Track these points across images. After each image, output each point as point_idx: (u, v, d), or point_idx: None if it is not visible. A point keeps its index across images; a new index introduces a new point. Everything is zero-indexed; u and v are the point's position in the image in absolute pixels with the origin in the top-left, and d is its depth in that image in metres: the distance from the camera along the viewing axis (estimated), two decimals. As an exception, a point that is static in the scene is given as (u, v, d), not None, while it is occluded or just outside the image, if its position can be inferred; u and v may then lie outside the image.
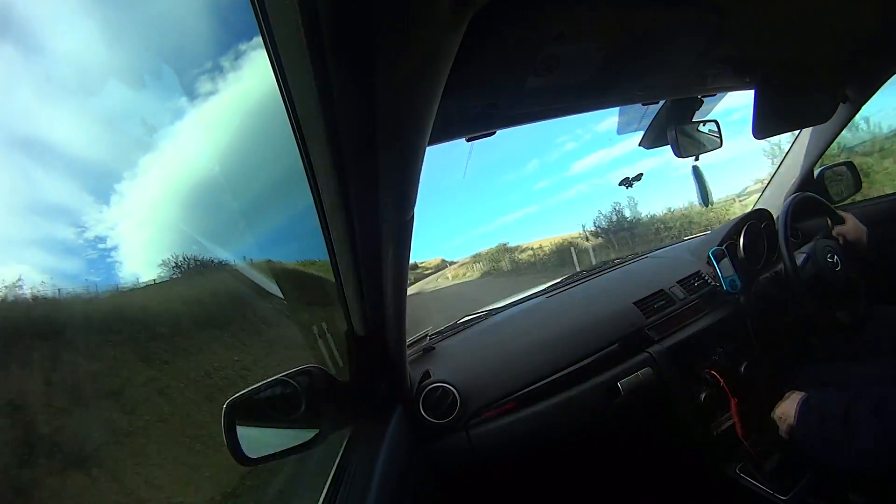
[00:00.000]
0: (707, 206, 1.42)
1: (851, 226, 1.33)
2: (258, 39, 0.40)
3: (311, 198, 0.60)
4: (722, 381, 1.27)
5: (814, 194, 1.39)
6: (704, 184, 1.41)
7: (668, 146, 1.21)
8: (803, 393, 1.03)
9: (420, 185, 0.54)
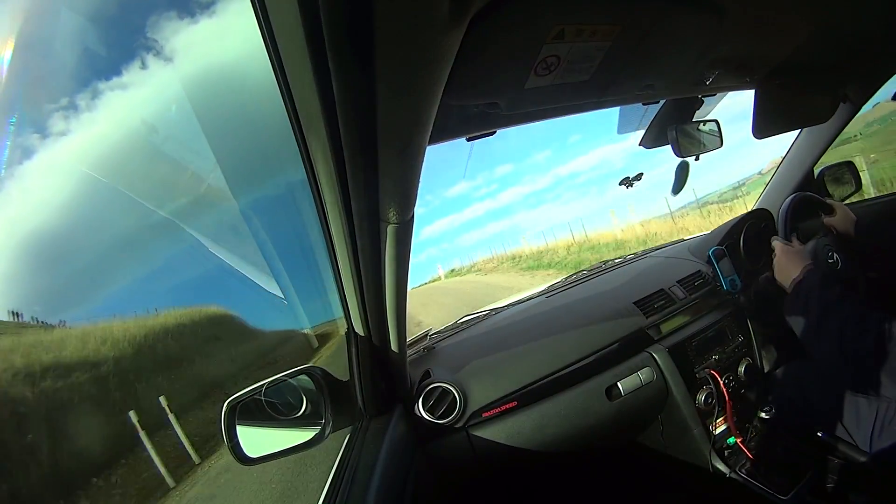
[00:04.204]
0: (675, 194, 1.42)
1: (840, 216, 1.33)
2: (259, 39, 0.40)
3: (312, 197, 0.60)
4: (722, 380, 1.27)
5: (813, 194, 1.39)
6: (685, 178, 1.39)
7: (668, 146, 1.21)
8: (807, 268, 1.05)
9: (420, 185, 0.54)
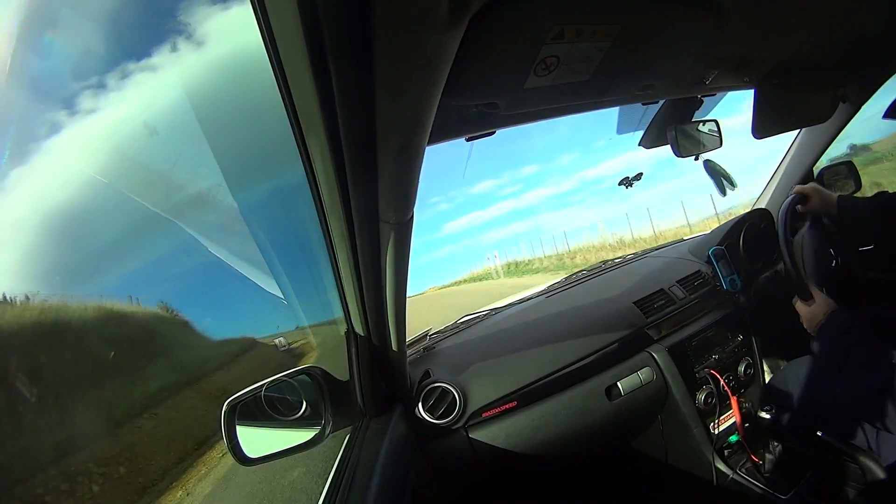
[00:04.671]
0: (726, 193, 1.38)
1: (816, 201, 1.22)
2: (258, 39, 0.40)
3: (311, 198, 0.60)
4: (722, 380, 1.27)
5: None
6: (721, 172, 1.36)
7: (667, 146, 1.21)
8: (831, 310, 1.08)
9: (420, 185, 0.54)
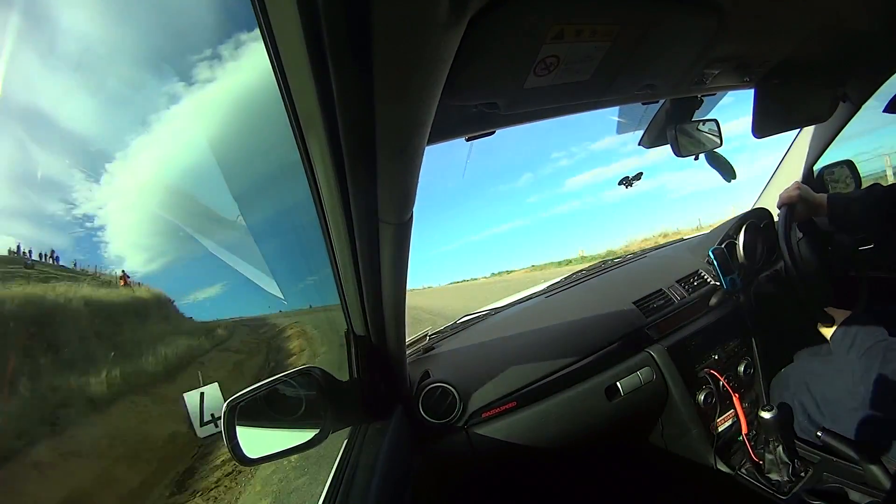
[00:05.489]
0: (730, 180, 1.38)
1: (802, 209, 1.18)
2: (258, 39, 0.40)
3: (311, 197, 0.60)
4: (722, 379, 1.27)
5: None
6: (723, 162, 1.35)
7: (668, 145, 1.21)
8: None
9: (419, 185, 0.54)
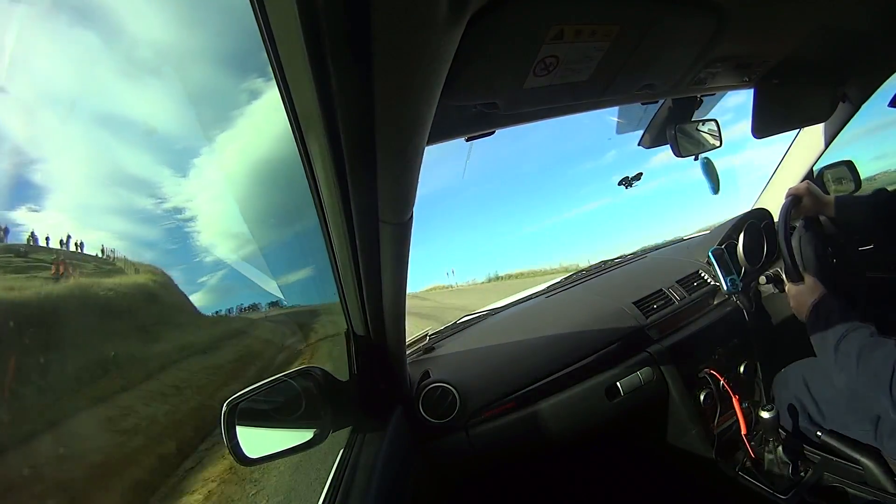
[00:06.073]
0: (716, 193, 1.39)
1: (810, 202, 1.19)
2: (258, 40, 0.40)
3: (311, 198, 0.60)
4: (723, 379, 1.27)
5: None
6: (714, 174, 1.36)
7: (668, 145, 1.21)
8: (822, 293, 1.06)
9: (419, 185, 0.54)
